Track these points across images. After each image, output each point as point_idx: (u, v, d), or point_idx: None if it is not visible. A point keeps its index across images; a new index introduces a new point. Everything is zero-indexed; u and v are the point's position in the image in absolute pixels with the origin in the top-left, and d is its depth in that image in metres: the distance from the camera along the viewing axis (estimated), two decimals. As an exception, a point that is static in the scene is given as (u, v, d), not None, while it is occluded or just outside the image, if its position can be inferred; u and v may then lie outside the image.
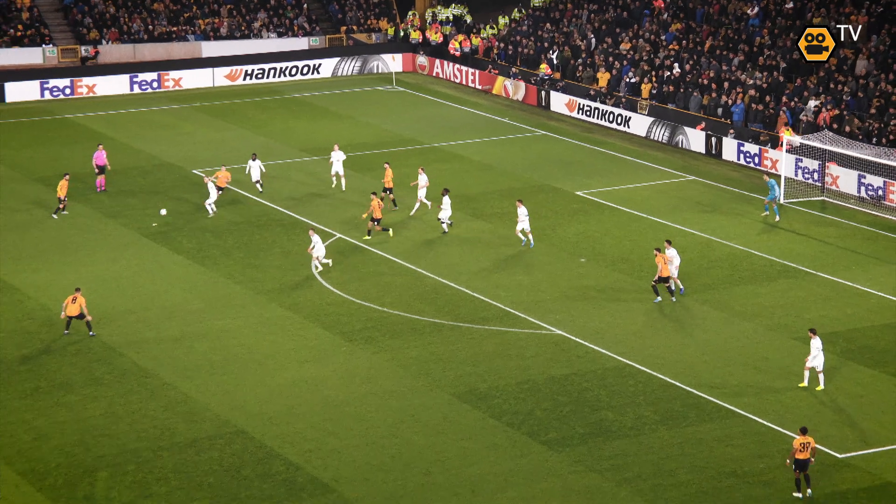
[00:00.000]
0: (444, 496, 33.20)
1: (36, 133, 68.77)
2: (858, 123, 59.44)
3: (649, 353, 41.35)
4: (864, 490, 33.22)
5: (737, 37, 70.96)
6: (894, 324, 43.52)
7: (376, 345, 42.17)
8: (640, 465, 34.57)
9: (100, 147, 57.92)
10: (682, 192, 58.43)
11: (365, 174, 59.62)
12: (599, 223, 54.13)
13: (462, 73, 79.51)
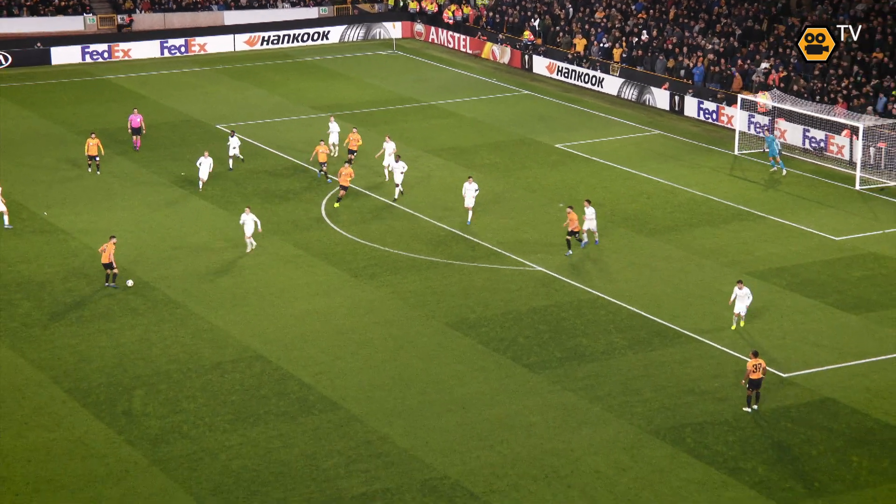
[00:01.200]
0: (438, 412, 33.28)
1: (78, 92, 68.31)
2: (804, 83, 59.16)
3: (619, 287, 41.34)
4: (804, 405, 33.36)
5: (697, 6, 70.45)
6: (833, 260, 43.52)
7: (378, 280, 42.13)
8: (611, 384, 34.66)
9: (135, 111, 56.73)
10: (649, 145, 58.23)
11: (369, 129, 59.30)
12: (576, 172, 53.98)
13: (455, 40, 79.00)
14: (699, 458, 30.79)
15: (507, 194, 50.70)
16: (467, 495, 29.31)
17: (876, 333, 37.56)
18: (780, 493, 29.25)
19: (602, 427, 32.38)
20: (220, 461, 30.87)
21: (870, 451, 31.01)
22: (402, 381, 35.03)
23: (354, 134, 53.13)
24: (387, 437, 31.97)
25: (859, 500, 28.90)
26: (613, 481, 29.84)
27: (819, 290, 40.85)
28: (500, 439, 31.82)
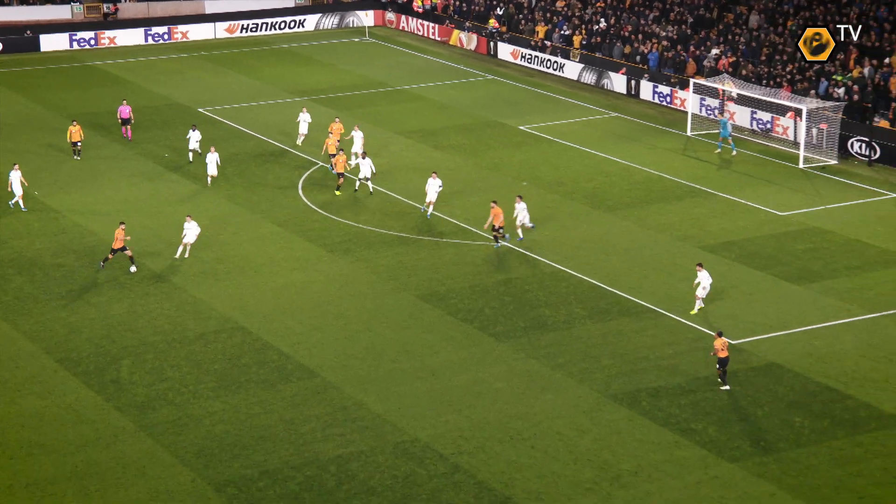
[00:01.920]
0: (409, 379, 33.31)
1: (66, 78, 67.66)
2: (751, 68, 59.29)
3: (580, 261, 41.42)
4: (751, 369, 33.57)
5: (652, -4, 70.54)
6: (779, 234, 43.73)
7: (353, 255, 42.05)
8: (571, 352, 34.75)
9: (124, 102, 55.41)
10: (607, 127, 58.26)
11: (344, 112, 59.04)
12: (538, 153, 53.95)
13: (424, 27, 78.69)
14: (654, 420, 30.95)
15: (474, 174, 50.64)
16: (437, 457, 29.37)
17: (818, 302, 37.81)
18: (728, 451, 29.45)
19: (563, 392, 32.48)
20: (203, 426, 30.79)
21: (811, 411, 31.26)
22: (376, 350, 35.01)
23: (337, 123, 51.79)
24: (361, 402, 31.97)
25: (801, 456, 29.14)
26: (574, 442, 29.96)
27: (766, 263, 41.06)
28: (468, 404, 31.88)
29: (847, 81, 55.29)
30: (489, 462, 29.12)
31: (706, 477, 28.38)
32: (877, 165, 51.49)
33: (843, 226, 44.36)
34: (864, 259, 41.18)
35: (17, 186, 45.60)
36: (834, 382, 32.68)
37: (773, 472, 28.51)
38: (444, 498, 27.71)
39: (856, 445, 29.57)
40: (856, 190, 48.58)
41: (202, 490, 28.03)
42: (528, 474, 28.59)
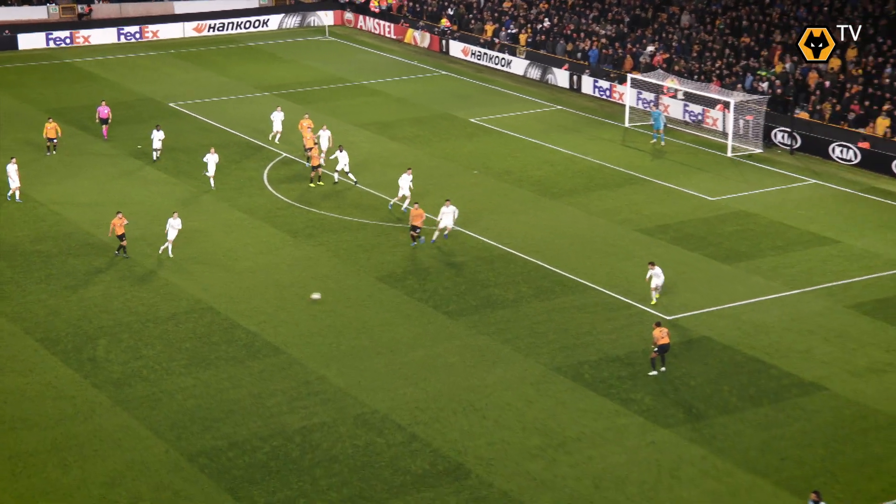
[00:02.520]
0: (369, 355, 33.25)
1: (44, 75, 66.64)
2: (684, 64, 59.55)
3: (527, 243, 41.48)
4: (684, 343, 33.81)
5: (592, -3, 70.62)
6: (709, 217, 44.01)
7: (315, 240, 41.86)
8: (519, 328, 34.83)
9: (103, 102, 53.77)
10: (552, 119, 58.32)
11: (306, 106, 58.67)
12: (488, 143, 53.91)
13: (381, 26, 78.31)
14: (595, 390, 31.10)
15: (428, 163, 50.52)
16: (395, 427, 29.35)
17: (745, 280, 38.12)
18: (664, 419, 29.66)
19: (512, 366, 32.56)
20: (176, 401, 30.58)
21: (739, 381, 31.55)
22: (337, 328, 34.90)
23: (307, 119, 50.99)
24: (324, 377, 31.88)
25: (730, 422, 29.42)
26: (522, 412, 30.05)
27: (697, 244, 41.32)
28: (423, 378, 31.88)
29: (770, 76, 55.68)
30: (443, 431, 29.14)
31: (643, 443, 28.57)
32: (798, 154, 51.94)
33: (767, 209, 44.72)
34: (787, 240, 41.55)
35: (15, 178, 44.65)
36: (760, 354, 32.99)
37: (704, 436, 28.76)
38: (402, 465, 27.72)
39: (779, 411, 29.89)
40: (779, 176, 48.99)
41: (175, 460, 27.85)
42: (480, 442, 28.65)
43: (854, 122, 51.48)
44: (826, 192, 46.95)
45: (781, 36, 58.64)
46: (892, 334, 33.94)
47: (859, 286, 37.34)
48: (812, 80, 54.57)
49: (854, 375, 31.64)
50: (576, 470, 27.42)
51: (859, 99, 52.04)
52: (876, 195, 46.39)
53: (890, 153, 48.80)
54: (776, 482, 26.80)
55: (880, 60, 53.71)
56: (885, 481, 26.72)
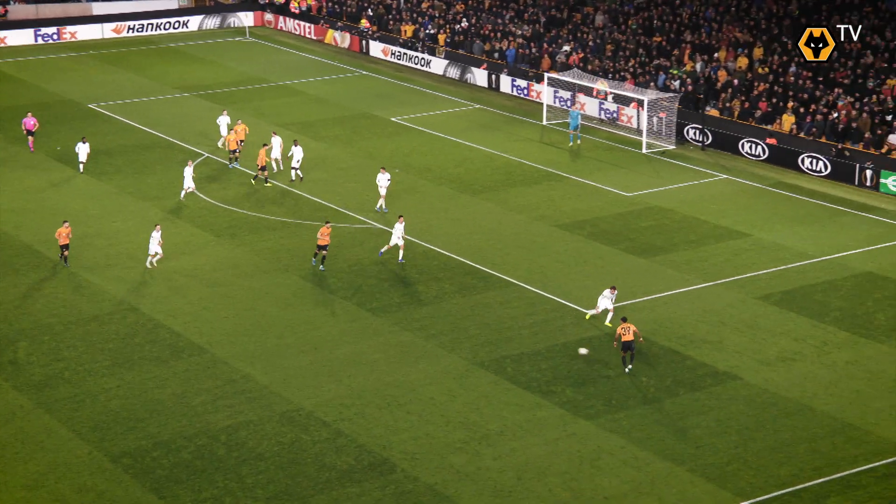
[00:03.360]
0: (293, 353, 32.99)
1: (-42, 76, 65.04)
2: (598, 63, 60.10)
3: (448, 239, 41.49)
4: (603, 335, 34.07)
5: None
6: (625, 212, 44.45)
7: (238, 239, 41.41)
8: (442, 324, 34.83)
9: (29, 114, 51.55)
10: (471, 117, 58.44)
11: (230, 106, 57.96)
12: (409, 142, 53.84)
13: (301, 27, 77.75)
14: (517, 384, 31.23)
15: (350, 161, 50.27)
16: (320, 423, 29.16)
17: (661, 273, 38.58)
18: (584, 410, 29.89)
19: (435, 361, 32.55)
20: (99, 402, 30.02)
21: (656, 371, 31.92)
22: (262, 326, 34.57)
23: (241, 125, 50.09)
24: (249, 375, 31.55)
25: (648, 412, 29.74)
26: (446, 406, 30.06)
27: (614, 239, 41.72)
28: (348, 374, 31.72)
29: (682, 75, 56.44)
30: (368, 427, 29.03)
31: (564, 434, 28.76)
32: (709, 150, 52.72)
33: (680, 204, 45.32)
34: (700, 234, 42.15)
35: None
36: (675, 345, 33.42)
37: (623, 427, 29.04)
38: (328, 461, 27.55)
39: (694, 401, 30.31)
40: (691, 172, 49.68)
41: (98, 462, 27.34)
42: (405, 437, 28.59)
43: (761, 119, 52.42)
44: (736, 186, 47.73)
45: (691, 35, 59.48)
46: (799, 324, 34.63)
47: (768, 278, 38.03)
48: (721, 78, 55.43)
49: (764, 364, 32.21)
50: (499, 462, 27.51)
51: (766, 96, 53.01)
52: (783, 189, 47.30)
53: (796, 148, 49.80)
54: (692, 469, 27.17)
55: (785, 59, 54.75)
56: (795, 466, 27.25)
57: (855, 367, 32.00)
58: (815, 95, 51.80)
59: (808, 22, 56.57)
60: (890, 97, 49.78)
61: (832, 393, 30.56)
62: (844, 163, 47.88)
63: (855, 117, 49.50)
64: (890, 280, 37.60)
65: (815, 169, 48.75)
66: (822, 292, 36.74)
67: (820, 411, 29.64)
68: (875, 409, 29.67)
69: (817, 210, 44.71)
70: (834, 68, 52.96)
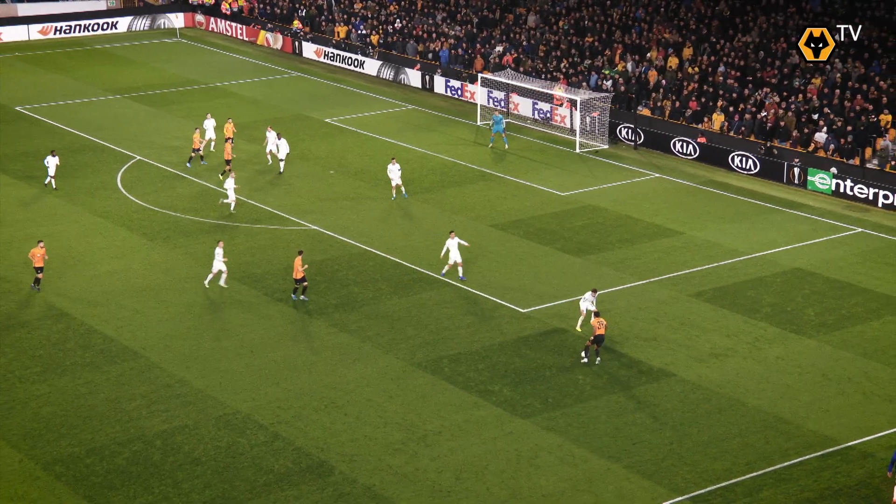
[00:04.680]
0: (229, 357, 32.69)
1: None
2: (531, 64, 60.41)
3: (384, 241, 41.42)
4: (539, 334, 34.26)
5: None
6: (560, 212, 44.71)
7: (172, 242, 40.93)
8: (378, 325, 34.75)
9: None
10: (405, 118, 58.41)
11: (160, 109, 57.31)
12: (343, 143, 53.64)
13: (232, 28, 77.11)
14: (455, 383, 31.26)
15: (285, 163, 49.92)
16: (257, 427, 28.93)
17: (595, 272, 38.87)
18: (521, 409, 30.01)
19: (373, 362, 32.46)
20: (30, 409, 29.47)
21: (592, 369, 32.15)
22: (197, 330, 34.21)
23: (229, 123, 50.44)
24: (184, 380, 31.19)
25: (584, 410, 29.95)
26: (383, 408, 29.99)
27: (549, 238, 41.96)
28: (285, 377, 31.52)
29: (614, 75, 56.97)
30: (306, 429, 28.87)
31: (502, 433, 28.85)
32: (641, 149, 53.27)
33: (614, 203, 45.72)
34: (634, 232, 42.57)
35: None
36: (610, 342, 33.67)
37: (560, 425, 29.21)
38: (265, 464, 27.34)
39: (630, 398, 30.58)
40: (624, 171, 50.15)
41: (30, 470, 26.84)
42: (342, 438, 28.48)
43: (692, 118, 53.10)
44: (668, 185, 48.28)
45: (622, 36, 60.07)
46: (731, 320, 35.12)
47: (700, 275, 38.52)
48: (652, 77, 56.04)
49: (698, 361, 32.61)
50: (437, 462, 27.51)
51: (696, 96, 53.70)
52: (714, 188, 47.94)
53: (726, 147, 50.51)
54: (628, 466, 27.41)
55: (713, 59, 55.52)
56: (729, 461, 27.62)
57: (785, 361, 32.54)
58: (743, 95, 52.58)
59: (734, 22, 57.46)
60: (815, 96, 50.71)
61: (764, 388, 31.05)
62: (773, 161, 48.68)
63: (782, 116, 50.35)
64: (818, 276, 38.31)
65: (744, 167, 49.49)
66: (754, 289, 37.31)
67: (752, 406, 30.09)
68: (805, 403, 30.21)
69: (747, 208, 45.39)
70: (759, 68, 53.79)
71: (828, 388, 31.02)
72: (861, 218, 44.05)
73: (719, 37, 57.13)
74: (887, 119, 47.72)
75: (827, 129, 48.69)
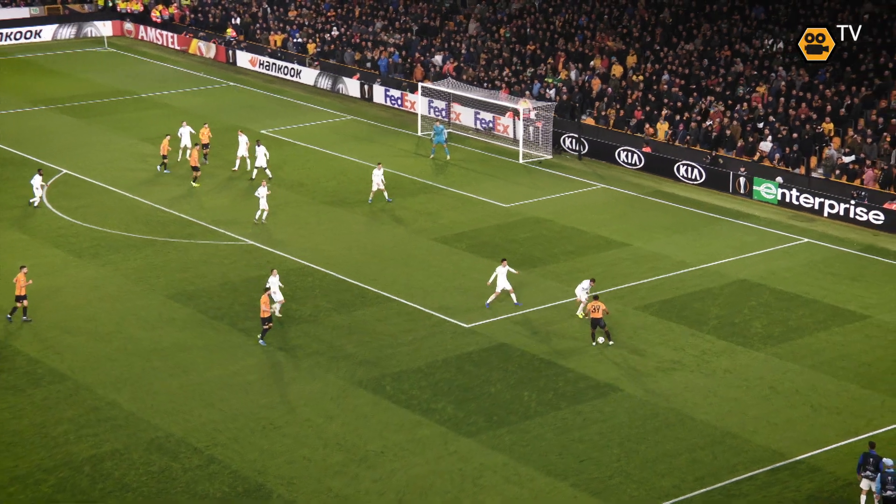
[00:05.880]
0: (162, 377, 32.31)
1: None
2: (472, 72, 60.62)
3: (323, 256, 41.24)
4: (484, 350, 34.28)
5: (378, 5, 71.08)
6: (503, 224, 44.85)
7: (101, 259, 40.41)
8: (319, 343, 34.57)
9: None
10: (344, 129, 58.29)
11: (89, 120, 56.61)
12: (280, 155, 53.34)
13: (163, 37, 76.47)
14: (397, 402, 31.17)
15: (220, 175, 49.56)
16: (191, 450, 28.60)
17: (540, 285, 39.02)
18: (465, 427, 29.99)
19: (312, 381, 32.27)
20: (-48, 437, 28.87)
21: (537, 385, 32.24)
22: (128, 350, 33.76)
23: (206, 129, 51.10)
24: (114, 402, 30.76)
25: (530, 427, 30.01)
26: (323, 428, 29.81)
27: (493, 251, 42.04)
28: (220, 398, 31.21)
29: (557, 83, 57.36)
30: (242, 452, 28.59)
31: (446, 452, 28.80)
32: (586, 159, 53.64)
33: (559, 215, 45.97)
34: (578, 244, 42.81)
35: None
36: (556, 357, 33.80)
37: (505, 443, 29.23)
38: (199, 489, 27.02)
39: (576, 414, 30.70)
40: (569, 182, 50.46)
41: (-48, 501, 26.28)
42: (280, 461, 28.25)
43: (637, 127, 53.60)
44: (614, 196, 48.66)
45: (565, 44, 60.52)
46: (678, 333, 35.43)
47: (647, 287, 38.82)
48: (596, 86, 56.50)
49: (645, 375, 32.84)
50: (379, 484, 27.38)
51: (641, 104, 54.23)
52: (660, 198, 48.40)
53: (671, 157, 51.04)
54: (575, 484, 27.50)
55: (657, 67, 56.14)
56: (677, 477, 27.82)
57: (733, 375, 32.88)
58: (688, 103, 53.21)
59: (678, 30, 58.16)
60: (760, 105, 51.46)
61: (711, 402, 31.34)
62: (718, 171, 49.28)
63: (727, 125, 51.01)
64: (764, 287, 38.80)
65: (690, 177, 50.05)
66: (700, 301, 37.68)
67: (700, 420, 30.34)
68: (753, 417, 30.53)
69: (693, 218, 45.88)
70: (703, 76, 54.47)
71: (775, 401, 31.39)
72: (807, 228, 44.74)
73: (663, 44, 57.78)
74: (830, 127, 48.56)
75: (772, 138, 49.43)
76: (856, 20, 53.35)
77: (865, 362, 33.50)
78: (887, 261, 41.39)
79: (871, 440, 27.15)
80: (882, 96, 49.30)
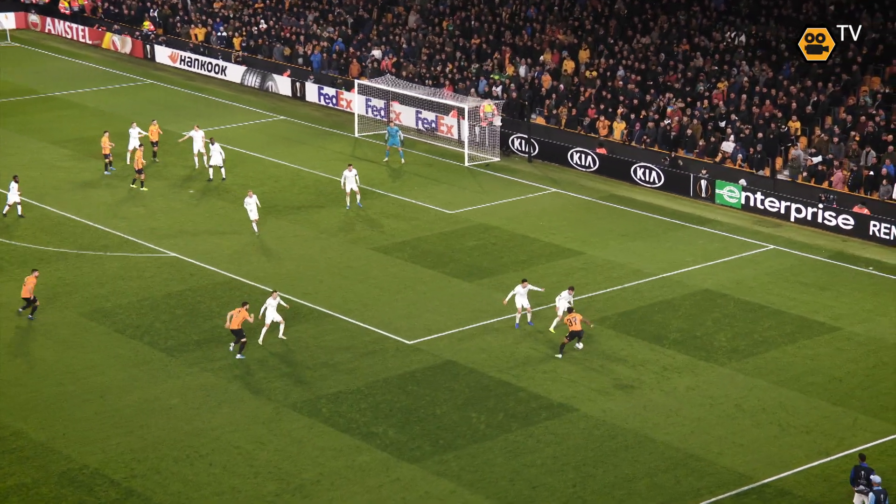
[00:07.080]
0: (76, 402, 32.00)
1: None
2: (413, 68, 60.76)
3: (252, 269, 41.09)
4: (428, 368, 34.35)
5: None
6: (448, 232, 44.98)
7: (6, 274, 39.91)
8: (248, 363, 34.43)
9: None
10: (274, 130, 58.13)
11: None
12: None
13: (73, 30, 75.78)
14: (335, 426, 31.13)
15: (223, 170, 49.13)
16: (108, 482, 28.34)
17: (488, 298, 39.16)
18: (409, 452, 30.02)
19: (241, 405, 32.12)
20: None
21: (487, 406, 32.35)
22: (36, 373, 33.38)
23: (154, 126, 51.70)
24: (21, 431, 30.39)
25: (479, 451, 30.11)
26: (253, 456, 29.69)
27: (437, 261, 42.15)
28: (140, 424, 30.96)
29: (504, 80, 57.67)
30: (164, 483, 28.39)
31: (388, 480, 28.81)
32: (536, 161, 53.98)
33: (507, 221, 46.20)
34: (529, 253, 43.06)
35: None
36: (506, 376, 33.95)
37: (452, 469, 29.30)
38: (119, 526, 26.80)
39: (528, 436, 30.86)
40: (518, 186, 50.74)
41: None
42: (207, 492, 28.09)
43: (590, 127, 54.03)
44: (566, 200, 49.01)
45: (513, 37, 60.87)
46: (637, 348, 35.75)
47: (603, 299, 39.14)
48: (546, 83, 56.89)
49: (601, 394, 33.09)
50: (316, 515, 27.35)
51: (594, 102, 54.66)
52: (616, 203, 48.82)
53: (627, 158, 51.51)
54: (529, 511, 27.64)
55: (612, 62, 56.63)
56: (636, 503, 28.05)
57: (696, 392, 33.24)
58: (645, 101, 53.73)
59: (633, 22, 58.77)
60: (721, 102, 52.08)
61: (673, 422, 31.65)
62: (678, 173, 49.82)
63: (687, 124, 51.58)
64: (728, 297, 39.28)
65: (648, 180, 50.54)
66: (661, 313, 38.06)
67: (661, 442, 30.63)
68: (717, 438, 30.88)
69: (652, 224, 46.34)
70: (662, 72, 55.07)
71: (741, 420, 31.78)
72: (773, 234, 45.38)
73: (617, 38, 58.32)
74: (796, 126, 49.29)
75: (735, 138, 50.07)
76: (821, 11, 54.29)
77: (836, 377, 34.04)
78: (857, 268, 42.12)
79: (862, 453, 27.69)
80: (850, 92, 50.16)
